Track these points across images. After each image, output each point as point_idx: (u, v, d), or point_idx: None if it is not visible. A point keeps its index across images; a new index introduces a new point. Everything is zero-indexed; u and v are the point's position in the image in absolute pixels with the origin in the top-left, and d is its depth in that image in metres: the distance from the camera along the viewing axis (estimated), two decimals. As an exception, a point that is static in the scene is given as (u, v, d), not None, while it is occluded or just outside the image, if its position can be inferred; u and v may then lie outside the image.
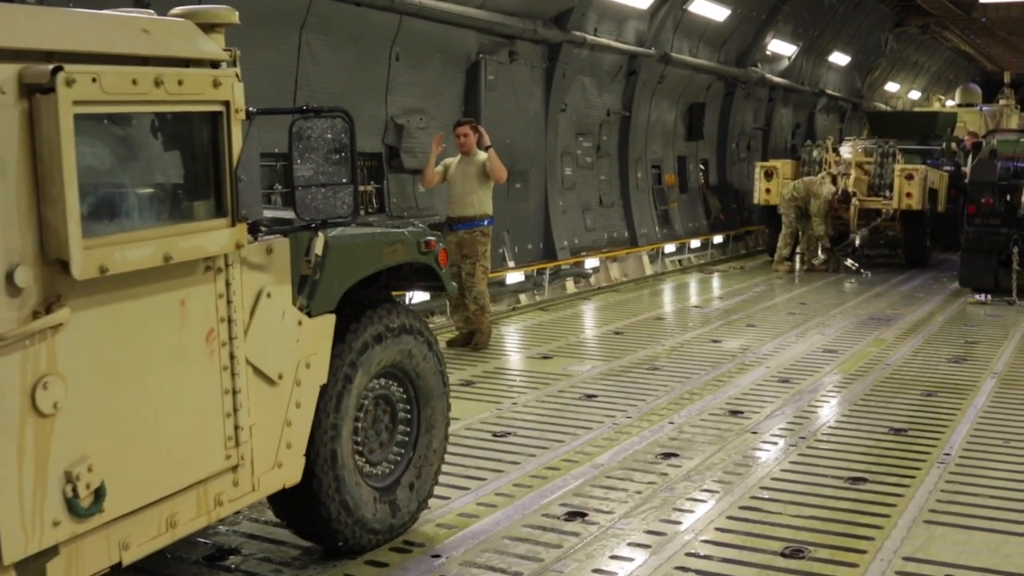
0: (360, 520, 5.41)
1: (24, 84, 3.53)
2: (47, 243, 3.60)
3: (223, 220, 4.31)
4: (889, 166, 19.27)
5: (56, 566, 3.80)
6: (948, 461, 7.22)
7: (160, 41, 4.11)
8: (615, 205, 18.71)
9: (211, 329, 4.39)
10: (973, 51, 40.10)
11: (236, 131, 4.33)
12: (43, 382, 3.64)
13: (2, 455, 3.53)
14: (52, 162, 3.55)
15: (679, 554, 5.62)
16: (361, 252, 5.43)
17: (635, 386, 9.50)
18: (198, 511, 4.43)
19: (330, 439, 5.20)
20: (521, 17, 14.69)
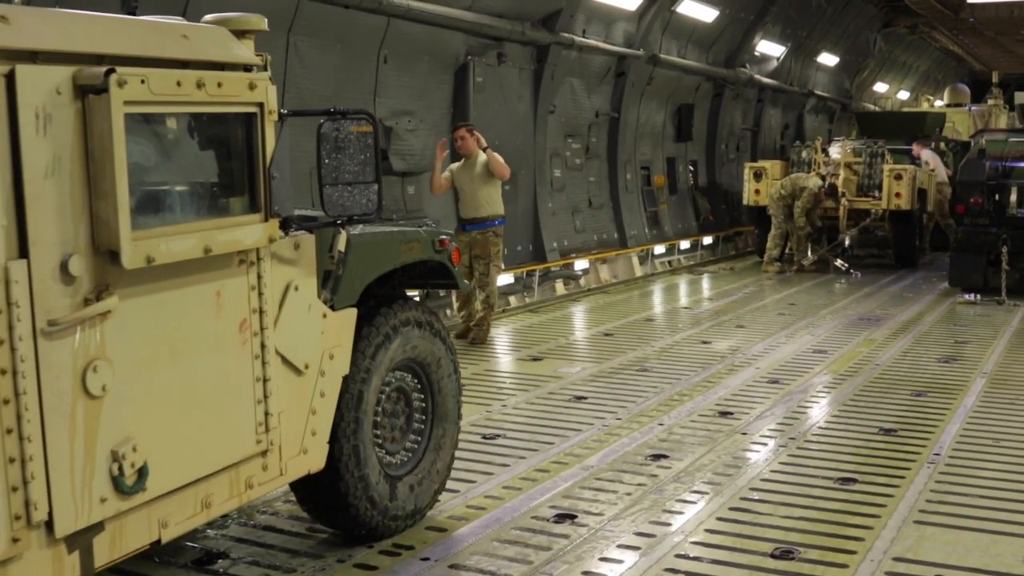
0: (381, 508, 5.61)
1: (78, 85, 3.79)
2: (98, 235, 3.87)
3: (257, 216, 4.58)
4: (878, 166, 19.31)
5: (101, 541, 4.04)
6: (938, 461, 7.22)
7: (198, 46, 4.38)
8: (604, 207, 18.71)
9: (244, 319, 4.65)
10: (961, 51, 40.20)
11: (269, 131, 4.62)
12: (93, 365, 3.90)
13: (55, 434, 3.77)
14: (104, 159, 3.81)
15: (669, 556, 5.61)
16: (381, 249, 5.70)
17: (625, 388, 9.50)
18: (230, 493, 4.68)
19: (352, 428, 5.42)
20: (509, 19, 14.68)
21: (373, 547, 5.70)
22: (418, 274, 6.22)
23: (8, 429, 3.63)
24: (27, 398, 3.68)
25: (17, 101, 3.62)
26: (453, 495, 6.51)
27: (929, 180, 20.32)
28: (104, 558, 4.11)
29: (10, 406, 3.64)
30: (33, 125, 3.67)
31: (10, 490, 3.66)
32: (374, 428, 5.65)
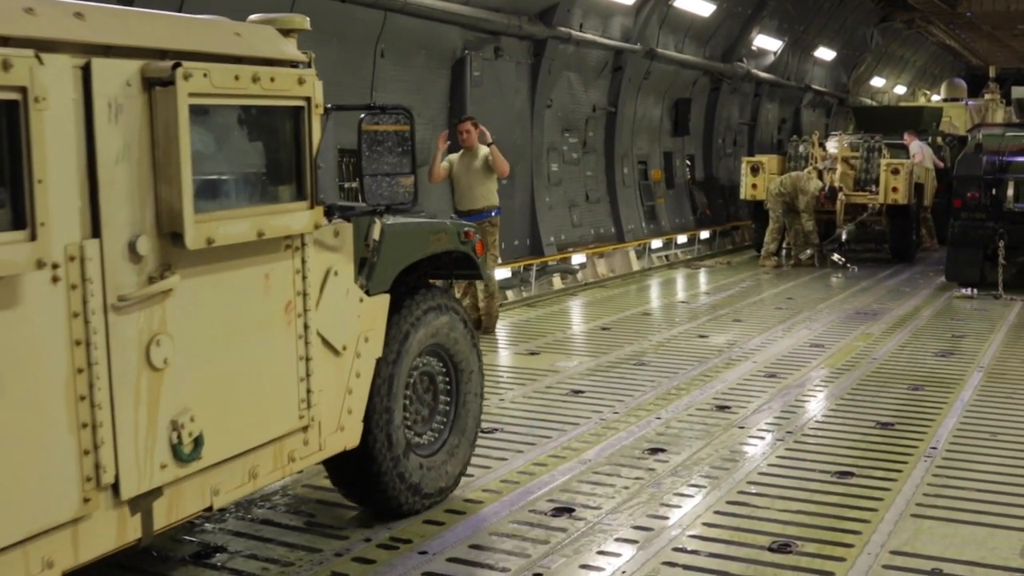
0: (410, 485, 5.89)
1: (146, 78, 4.09)
2: (162, 217, 4.16)
3: (304, 203, 4.86)
4: (875, 161, 19.31)
5: (160, 505, 4.32)
6: (935, 455, 7.23)
7: (250, 43, 4.68)
8: (601, 201, 18.71)
9: (289, 301, 4.95)
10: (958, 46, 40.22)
11: (316, 124, 4.90)
12: (156, 339, 4.20)
13: (122, 403, 4.06)
14: (170, 146, 4.10)
15: (666, 549, 5.62)
16: (412, 239, 6.00)
17: (622, 381, 9.50)
18: (274, 465, 4.96)
19: (384, 408, 5.70)
20: (506, 13, 14.67)
21: (371, 541, 5.71)
22: (442, 264, 6.46)
23: (81, 396, 3.89)
24: (98, 368, 3.94)
25: (92, 92, 3.89)
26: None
27: (926, 175, 20.33)
28: (162, 522, 4.37)
29: (83, 375, 3.90)
30: (106, 114, 3.94)
31: (82, 453, 3.92)
32: (403, 410, 5.90)
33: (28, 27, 3.69)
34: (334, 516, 6.09)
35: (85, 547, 4.02)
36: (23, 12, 3.69)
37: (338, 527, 5.92)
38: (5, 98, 3.53)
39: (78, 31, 3.88)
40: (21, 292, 3.67)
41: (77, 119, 3.85)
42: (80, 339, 3.87)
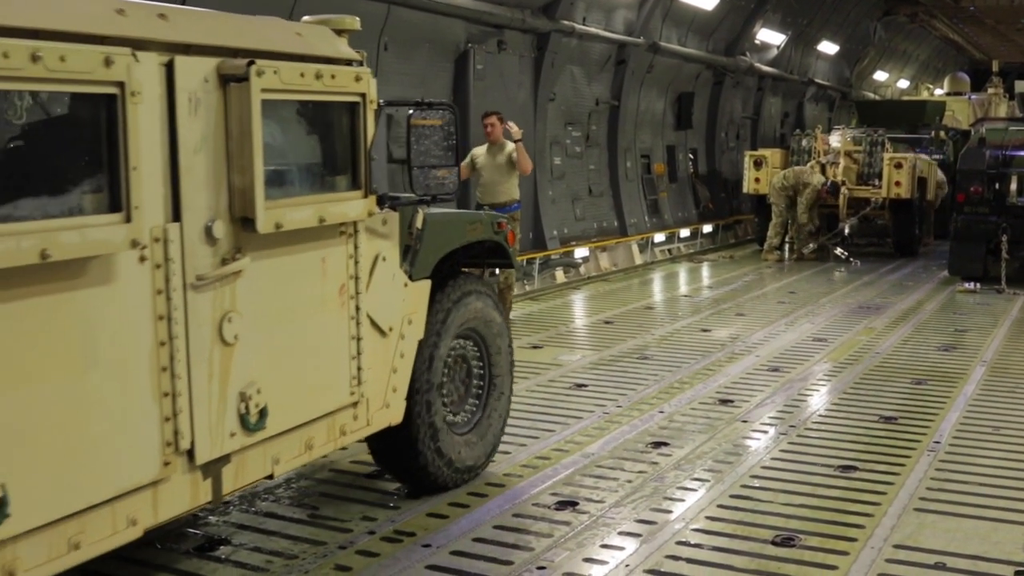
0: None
1: (222, 74, 4.40)
2: (235, 203, 4.48)
3: (359, 192, 5.19)
4: (878, 155, 19.29)
5: (228, 471, 4.63)
6: (938, 449, 7.23)
7: (310, 42, 5.01)
8: (604, 195, 18.70)
9: (343, 284, 5.28)
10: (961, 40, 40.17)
11: (370, 119, 5.22)
12: (228, 316, 4.51)
13: (198, 374, 4.37)
14: (243, 138, 4.42)
15: (670, 543, 5.62)
16: (451, 228, 6.35)
17: (625, 375, 9.51)
18: (328, 437, 5.28)
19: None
20: (510, 6, 14.65)
21: (375, 534, 5.72)
22: (475, 253, 6.77)
23: (163, 367, 4.20)
24: (178, 341, 4.26)
25: (175, 87, 4.19)
26: (454, 482, 6.54)
27: (929, 169, 20.30)
28: (229, 486, 4.66)
29: (165, 348, 4.21)
30: (187, 107, 4.26)
31: (163, 420, 4.23)
32: (441, 389, 6.21)
33: (121, 27, 3.99)
34: (338, 509, 6.10)
35: (164, 507, 4.32)
36: (115, 13, 4.00)
37: (342, 520, 5.93)
38: (106, 92, 3.81)
39: (163, 31, 4.20)
40: (115, 270, 3.99)
41: (162, 112, 4.16)
42: (163, 314, 4.20)
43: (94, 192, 3.88)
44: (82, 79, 3.72)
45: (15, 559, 3.70)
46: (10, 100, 3.62)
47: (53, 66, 3.58)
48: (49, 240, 3.60)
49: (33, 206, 3.65)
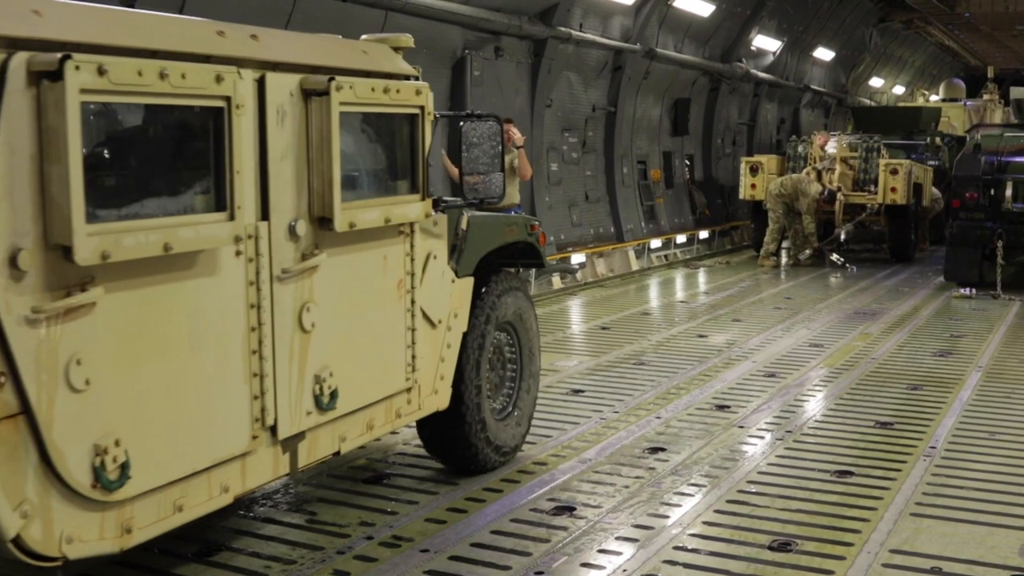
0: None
1: (304, 89, 4.90)
2: (314, 205, 4.96)
3: (417, 196, 5.68)
4: (874, 161, 19.33)
5: (303, 447, 5.10)
6: (934, 454, 7.26)
7: (374, 60, 5.51)
8: (601, 201, 18.74)
9: (401, 279, 5.77)
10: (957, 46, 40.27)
11: (428, 129, 5.72)
12: (306, 306, 4.99)
13: (281, 358, 4.84)
14: (323, 146, 4.92)
15: (667, 547, 5.64)
16: (491, 230, 6.79)
17: (622, 381, 9.53)
18: (386, 419, 5.75)
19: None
20: (507, 13, 14.70)
21: (373, 539, 5.74)
22: (510, 253, 7.17)
23: (253, 350, 4.67)
24: (266, 328, 4.73)
25: (266, 100, 4.68)
26: (452, 487, 6.55)
27: (924, 175, 20.35)
28: (303, 461, 5.11)
29: (255, 333, 4.68)
30: (275, 119, 4.74)
31: (252, 398, 4.69)
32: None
33: (222, 47, 4.49)
34: (336, 514, 6.12)
35: (250, 477, 4.78)
36: (216, 34, 4.51)
37: (340, 525, 5.95)
38: (216, 105, 4.31)
39: (255, 50, 4.70)
40: (217, 262, 4.47)
41: (255, 123, 4.63)
42: (254, 303, 4.67)
43: (204, 193, 4.39)
44: (198, 94, 4.23)
45: (132, 517, 4.17)
46: (141, 111, 4.15)
47: (176, 82, 4.07)
48: (171, 235, 4.09)
49: (156, 205, 4.17)
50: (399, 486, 6.61)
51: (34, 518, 3.79)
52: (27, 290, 3.71)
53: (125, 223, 3.95)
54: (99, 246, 3.78)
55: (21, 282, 3.69)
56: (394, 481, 6.71)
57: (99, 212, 3.85)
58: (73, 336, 3.86)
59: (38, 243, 3.73)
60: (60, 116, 3.68)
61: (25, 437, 3.74)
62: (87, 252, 3.74)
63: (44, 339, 3.77)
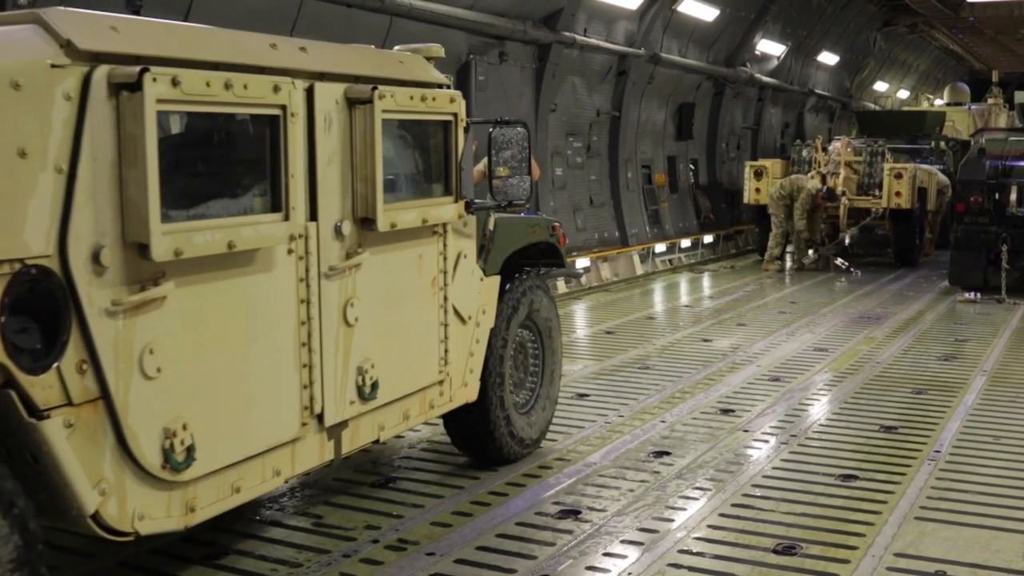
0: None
1: (348, 98, 5.21)
2: (357, 206, 5.28)
3: (451, 198, 6.01)
4: (878, 165, 19.33)
5: (347, 434, 5.42)
6: (938, 458, 7.27)
7: (410, 70, 5.84)
8: (605, 205, 18.75)
9: (434, 277, 6.09)
10: (961, 50, 40.26)
11: (460, 135, 6.05)
12: (350, 302, 5.31)
13: (327, 350, 5.17)
14: (366, 151, 5.25)
15: (672, 551, 5.66)
16: (516, 231, 7.10)
17: (627, 385, 9.54)
18: (420, 410, 6.08)
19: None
20: (511, 18, 14.72)
21: (379, 542, 5.76)
22: (531, 254, 7.41)
23: (303, 343, 5.00)
24: (314, 321, 5.06)
25: (314, 108, 4.98)
26: (457, 491, 6.57)
27: (929, 179, 20.35)
28: (346, 447, 5.43)
29: (305, 326, 5.01)
30: (323, 126, 5.05)
31: (302, 387, 5.02)
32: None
33: (275, 59, 4.82)
34: (342, 517, 6.14)
35: (299, 462, 5.09)
36: (270, 47, 4.84)
37: (346, 528, 5.97)
38: (273, 113, 4.64)
39: (305, 61, 5.02)
40: (272, 260, 4.79)
41: (304, 130, 4.93)
42: (304, 298, 4.99)
43: (262, 195, 4.72)
44: (258, 103, 4.55)
45: (195, 497, 4.47)
46: (208, 120, 4.48)
47: (239, 92, 4.40)
48: (234, 234, 4.42)
49: (220, 206, 4.49)
50: (405, 490, 6.63)
51: (111, 496, 4.09)
52: (107, 284, 4.03)
53: (194, 223, 4.28)
54: (172, 244, 4.12)
55: (102, 277, 4.01)
56: (399, 485, 6.73)
57: (171, 213, 4.17)
58: (146, 327, 4.19)
59: (116, 241, 4.05)
60: (138, 124, 4.00)
61: (104, 420, 4.05)
62: (162, 249, 4.07)
63: (121, 330, 4.09)
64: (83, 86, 3.92)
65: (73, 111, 3.90)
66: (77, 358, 3.93)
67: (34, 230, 3.79)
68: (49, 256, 3.83)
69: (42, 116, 3.82)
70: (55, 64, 3.85)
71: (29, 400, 3.78)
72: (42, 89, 3.81)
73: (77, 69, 3.92)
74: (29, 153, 3.75)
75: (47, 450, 3.82)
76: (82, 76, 3.93)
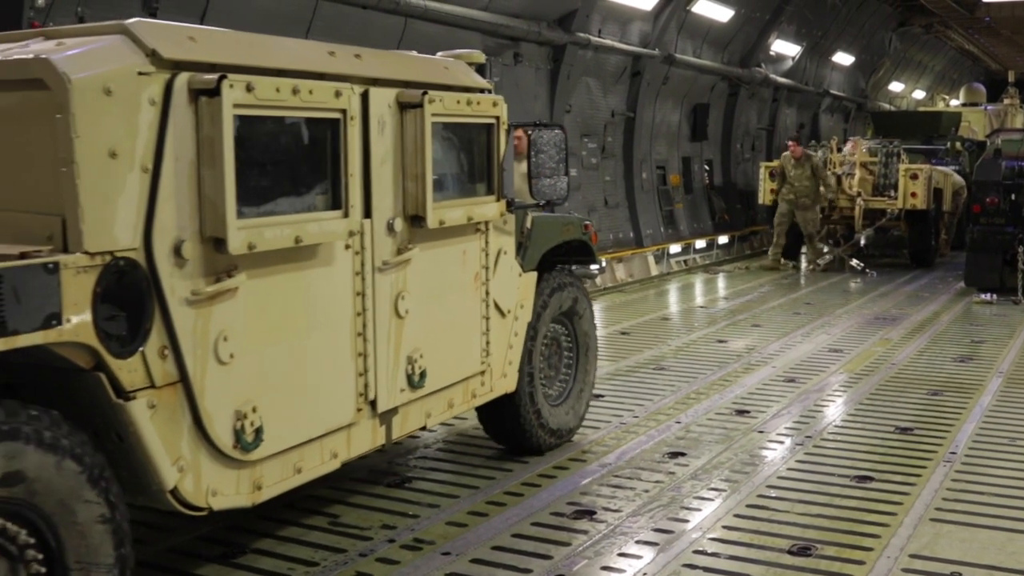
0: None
1: (400, 102, 5.54)
2: (408, 204, 5.62)
3: (493, 197, 6.32)
4: (893, 166, 19.26)
5: (397, 420, 5.75)
6: (954, 460, 7.26)
7: (454, 75, 6.15)
8: (620, 206, 18.76)
9: (477, 272, 6.40)
10: (977, 50, 40.13)
11: (502, 137, 6.36)
12: (401, 295, 5.64)
13: (380, 340, 5.50)
14: (417, 153, 5.57)
15: (687, 552, 5.67)
16: (551, 229, 7.36)
17: (642, 386, 9.55)
18: (463, 399, 6.39)
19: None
20: (525, 19, 14.74)
21: (395, 541, 5.78)
22: (563, 251, 7.62)
23: (359, 333, 5.33)
24: (368, 313, 5.39)
25: (369, 112, 5.31)
26: (472, 491, 6.59)
27: (945, 180, 20.28)
28: (396, 433, 5.75)
29: (360, 317, 5.34)
30: (377, 128, 5.37)
31: (357, 375, 5.35)
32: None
33: (333, 66, 5.13)
34: (358, 517, 6.17)
35: (354, 446, 5.41)
36: (328, 54, 5.17)
37: (362, 528, 5.99)
38: (334, 117, 4.96)
39: (360, 68, 5.33)
40: (332, 254, 5.12)
41: (360, 132, 5.22)
42: (359, 291, 5.32)
43: (323, 194, 5.02)
44: (321, 107, 4.87)
45: (262, 476, 4.81)
46: (276, 123, 4.76)
47: (305, 98, 4.74)
48: (300, 229, 4.76)
49: (287, 203, 4.81)
50: (420, 489, 6.66)
51: (188, 472, 4.42)
52: (187, 276, 4.37)
53: (265, 219, 4.61)
54: (246, 238, 4.44)
55: (183, 269, 4.34)
56: (415, 485, 6.75)
57: (245, 209, 4.48)
58: (221, 316, 4.52)
59: (195, 236, 4.38)
60: (216, 127, 4.32)
61: (182, 402, 4.38)
62: (237, 243, 4.40)
63: (198, 318, 4.43)
64: (166, 92, 4.25)
65: (157, 115, 4.22)
66: (159, 344, 4.27)
67: (123, 225, 4.10)
68: (135, 249, 4.15)
69: (130, 120, 4.13)
70: (142, 72, 4.18)
71: (117, 382, 4.10)
72: (130, 95, 4.13)
73: (161, 76, 4.25)
74: (119, 154, 4.07)
75: (132, 429, 4.16)
76: (165, 83, 4.25)
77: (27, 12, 8.80)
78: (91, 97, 3.98)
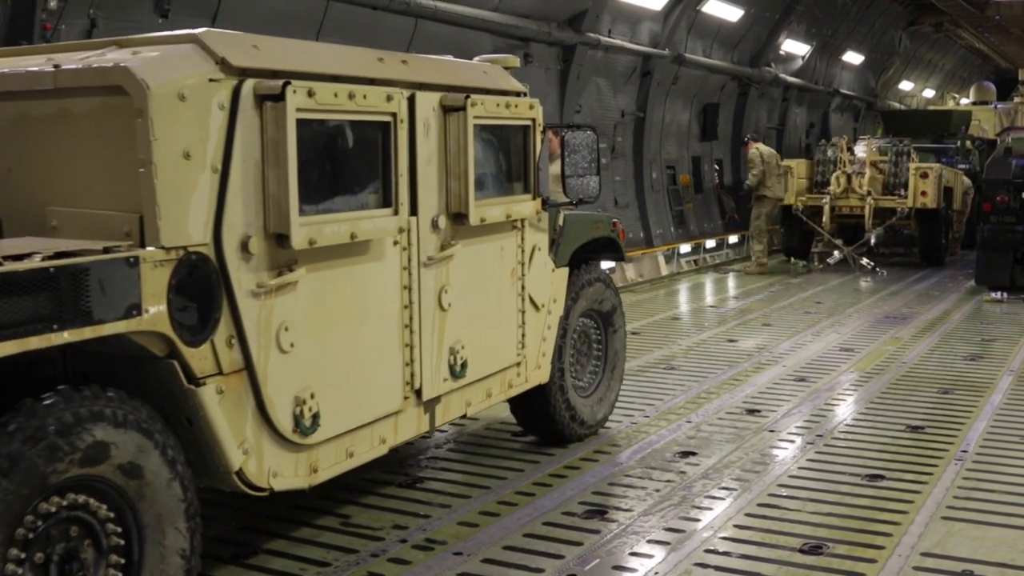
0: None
1: (443, 105, 5.81)
2: (451, 203, 5.89)
3: (529, 195, 6.59)
4: (904, 165, 19.22)
5: (439, 409, 6.03)
6: (965, 458, 7.25)
7: (493, 79, 6.43)
8: (630, 206, 18.76)
9: (513, 267, 6.65)
10: (987, 49, 40.03)
11: (538, 138, 6.66)
12: (444, 289, 5.90)
13: (425, 331, 5.76)
14: (459, 154, 5.85)
15: (698, 551, 5.67)
16: (582, 226, 7.60)
17: (652, 385, 9.56)
18: (500, 389, 6.66)
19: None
20: (536, 19, 14.76)
21: (407, 542, 5.80)
22: (593, 248, 7.81)
23: (406, 324, 5.61)
24: (415, 306, 5.66)
25: (415, 115, 5.56)
26: (484, 491, 6.61)
27: (955, 178, 20.24)
28: (439, 421, 6.05)
29: (407, 310, 5.62)
30: (423, 130, 5.64)
31: (404, 364, 5.63)
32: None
33: (382, 71, 5.40)
34: (370, 517, 6.19)
35: (400, 432, 5.70)
36: (377, 60, 5.45)
37: (374, 528, 6.01)
38: (385, 120, 5.24)
39: (406, 73, 5.60)
40: (382, 250, 5.39)
41: (407, 134, 5.46)
42: (406, 285, 5.59)
43: (375, 192, 5.28)
44: (374, 111, 5.14)
45: (318, 459, 5.10)
46: (334, 126, 5.03)
47: (359, 102, 5.01)
48: (355, 226, 5.04)
49: (343, 202, 5.08)
50: (432, 489, 6.68)
51: (251, 455, 4.71)
52: (252, 269, 4.65)
53: (324, 216, 4.88)
54: (308, 234, 4.73)
55: (249, 263, 4.63)
56: (427, 485, 6.77)
57: (306, 207, 4.76)
58: (282, 307, 4.80)
59: (260, 232, 4.66)
60: (281, 130, 4.61)
61: (247, 388, 4.66)
62: (300, 239, 4.69)
63: (262, 309, 4.71)
64: (234, 97, 4.53)
65: (226, 118, 4.50)
66: (227, 333, 4.55)
67: (195, 221, 4.39)
68: (206, 244, 4.44)
69: (202, 123, 4.41)
70: (212, 79, 4.46)
71: (188, 369, 4.39)
72: (202, 100, 4.41)
73: (229, 83, 4.52)
74: (192, 155, 4.36)
75: (202, 413, 4.44)
76: (233, 89, 4.53)
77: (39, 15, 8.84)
78: (167, 102, 4.24)
